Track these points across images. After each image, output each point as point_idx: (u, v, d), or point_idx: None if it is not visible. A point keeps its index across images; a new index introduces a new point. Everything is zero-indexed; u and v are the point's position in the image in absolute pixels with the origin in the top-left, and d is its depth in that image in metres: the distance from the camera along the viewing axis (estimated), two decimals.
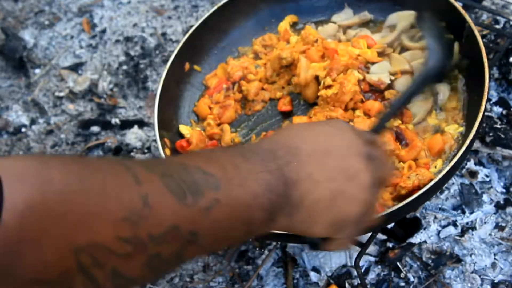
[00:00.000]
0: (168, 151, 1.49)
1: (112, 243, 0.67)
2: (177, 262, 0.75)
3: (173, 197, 0.71)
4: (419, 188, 1.27)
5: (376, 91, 1.48)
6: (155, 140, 1.56)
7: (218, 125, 1.57)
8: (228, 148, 0.91)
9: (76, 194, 0.65)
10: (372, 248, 1.59)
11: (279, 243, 1.64)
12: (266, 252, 1.65)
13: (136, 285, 0.72)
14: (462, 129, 1.43)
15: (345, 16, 1.69)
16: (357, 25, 1.67)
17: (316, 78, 1.52)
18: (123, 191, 0.68)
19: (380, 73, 1.48)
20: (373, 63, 1.52)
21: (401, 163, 1.39)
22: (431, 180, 1.26)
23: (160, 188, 0.71)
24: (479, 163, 1.67)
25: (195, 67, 1.68)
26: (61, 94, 2.15)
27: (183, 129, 1.58)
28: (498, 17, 1.89)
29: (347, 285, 1.56)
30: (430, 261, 1.56)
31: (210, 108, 1.61)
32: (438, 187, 1.36)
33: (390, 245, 1.59)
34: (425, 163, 1.36)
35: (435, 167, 1.37)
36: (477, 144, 1.63)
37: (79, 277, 0.66)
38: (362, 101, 1.46)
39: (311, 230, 0.89)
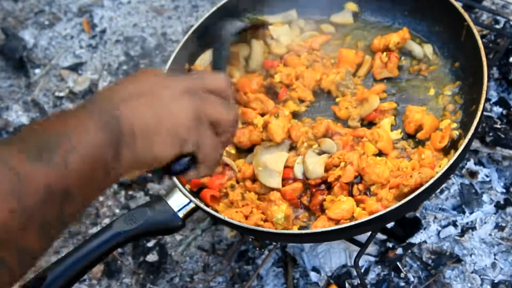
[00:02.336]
0: None
1: (5, 221, 0.77)
2: (62, 221, 0.86)
3: (34, 162, 0.82)
4: (421, 185, 1.27)
5: None
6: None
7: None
8: (64, 111, 1.02)
9: None
10: (372, 248, 1.59)
11: (279, 243, 1.64)
12: (266, 252, 1.65)
13: (38, 258, 0.84)
14: (455, 125, 1.44)
15: (344, 17, 1.69)
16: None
17: None
18: (1, 178, 0.80)
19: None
20: None
21: (405, 162, 1.39)
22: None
23: (23, 161, 0.82)
24: (479, 163, 1.67)
25: (196, 67, 1.68)
26: (61, 94, 2.15)
27: None
28: (498, 17, 1.89)
29: (347, 285, 1.56)
30: (430, 261, 1.56)
31: None
32: (437, 186, 1.36)
33: (390, 245, 1.59)
34: (429, 163, 1.37)
35: (440, 166, 1.37)
36: (477, 144, 1.63)
37: None
38: None
39: (156, 153, 0.97)
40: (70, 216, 0.87)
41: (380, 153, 1.44)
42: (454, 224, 1.60)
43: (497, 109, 1.71)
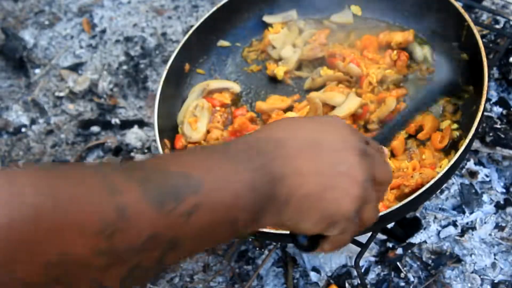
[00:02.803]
0: (167, 152, 1.49)
1: (86, 256, 0.64)
2: (159, 268, 0.73)
3: (151, 205, 0.68)
4: (422, 186, 1.27)
5: None
6: (155, 140, 1.56)
7: None
8: (211, 147, 0.84)
9: (46, 208, 0.62)
10: (372, 248, 1.59)
11: (279, 243, 1.64)
12: (266, 252, 1.65)
13: None
14: (456, 125, 1.44)
15: (345, 17, 1.69)
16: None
17: None
18: (97, 203, 0.66)
19: None
20: None
21: (405, 163, 1.39)
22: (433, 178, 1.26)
23: (137, 197, 0.68)
24: (479, 163, 1.67)
25: (198, 70, 1.68)
26: (61, 94, 2.15)
27: (180, 129, 1.58)
28: (498, 17, 1.89)
29: (347, 285, 1.56)
30: (430, 261, 1.56)
31: None
32: (438, 187, 1.36)
33: (390, 245, 1.59)
34: (430, 164, 1.37)
35: (440, 167, 1.37)
36: (477, 144, 1.63)
37: None
38: None
39: (300, 226, 0.85)
40: (170, 264, 0.73)
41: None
42: (454, 224, 1.60)
43: (497, 109, 1.71)
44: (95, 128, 2.04)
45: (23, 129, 2.09)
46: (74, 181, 0.67)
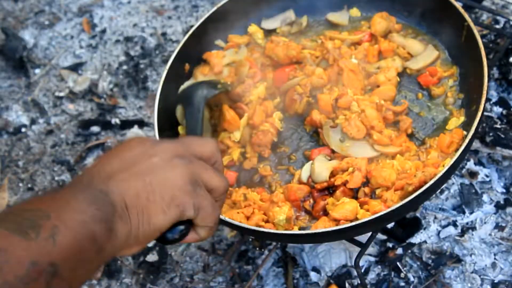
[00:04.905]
0: None
1: None
2: None
3: (17, 236, 0.77)
4: (425, 183, 1.27)
5: None
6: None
7: None
8: (47, 191, 0.96)
9: None
10: (372, 248, 1.59)
11: (279, 243, 1.64)
12: (266, 252, 1.65)
13: None
14: (463, 118, 1.44)
15: (342, 17, 1.69)
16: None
17: None
18: None
19: None
20: None
21: (409, 163, 1.39)
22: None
23: (2, 235, 0.77)
24: (479, 163, 1.67)
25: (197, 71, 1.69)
26: (61, 94, 2.15)
27: (182, 129, 1.58)
28: (498, 17, 1.89)
29: (347, 285, 1.56)
30: (430, 261, 1.56)
31: None
32: (437, 187, 1.36)
33: (390, 245, 1.59)
34: (433, 163, 1.37)
35: (443, 166, 1.37)
36: (477, 144, 1.63)
37: None
38: None
39: (154, 223, 0.91)
40: None
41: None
42: (454, 224, 1.60)
43: (497, 109, 1.71)
44: (95, 128, 2.05)
45: (23, 129, 2.09)
46: None
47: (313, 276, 1.59)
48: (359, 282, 1.55)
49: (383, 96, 1.49)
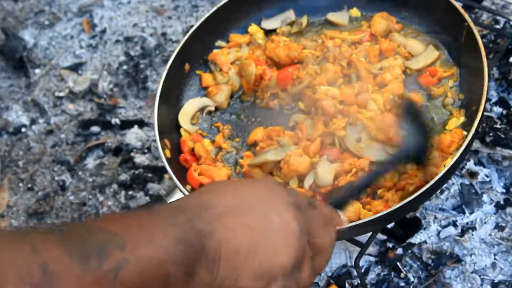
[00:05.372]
0: (168, 152, 1.49)
1: None
2: None
3: (74, 262, 0.67)
4: (426, 183, 1.27)
5: None
6: (155, 140, 1.56)
7: None
8: (134, 210, 0.82)
9: None
10: (372, 248, 1.59)
11: None
12: None
13: None
14: (462, 119, 1.44)
15: (342, 17, 1.69)
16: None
17: None
18: (20, 262, 0.65)
19: None
20: None
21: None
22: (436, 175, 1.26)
23: (59, 254, 0.67)
24: (479, 163, 1.67)
25: (197, 72, 1.68)
26: (61, 94, 2.15)
27: (182, 130, 1.58)
28: (498, 17, 1.89)
29: (347, 285, 1.56)
30: (430, 261, 1.56)
31: None
32: (438, 187, 1.36)
33: (390, 245, 1.59)
34: (434, 163, 1.37)
35: (444, 166, 1.37)
36: (477, 144, 1.63)
37: None
38: None
39: (239, 285, 0.81)
40: None
41: None
42: (454, 224, 1.60)
43: (497, 109, 1.71)
44: (95, 128, 2.04)
45: (23, 129, 2.09)
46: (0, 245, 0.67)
47: None
48: (359, 282, 1.55)
49: (392, 94, 1.49)
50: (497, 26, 1.88)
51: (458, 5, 1.50)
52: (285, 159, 1.40)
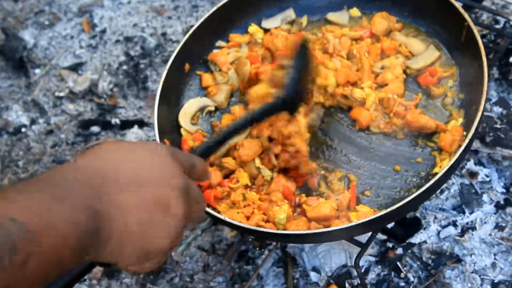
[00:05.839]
0: None
1: None
2: None
3: None
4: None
5: None
6: (155, 140, 1.56)
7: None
8: (37, 182, 0.82)
9: None
10: (372, 249, 1.59)
11: (279, 243, 1.64)
12: (266, 252, 1.65)
13: None
14: (461, 119, 1.44)
15: (342, 17, 1.69)
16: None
17: None
18: None
19: None
20: None
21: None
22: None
23: None
24: (479, 163, 1.67)
25: (197, 72, 1.69)
26: (61, 94, 2.15)
27: (183, 130, 1.58)
28: (498, 17, 1.89)
29: (347, 285, 1.56)
30: (430, 261, 1.56)
31: None
32: (438, 187, 1.36)
33: (390, 245, 1.59)
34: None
35: (440, 167, 1.37)
36: (477, 144, 1.63)
37: None
38: None
39: (119, 260, 0.89)
40: None
41: None
42: (454, 224, 1.60)
43: (497, 109, 1.71)
44: (95, 128, 2.04)
45: (23, 129, 2.09)
46: None
47: (313, 276, 1.59)
48: (359, 282, 1.55)
49: (393, 94, 1.50)
50: (497, 26, 1.88)
51: (458, 5, 1.50)
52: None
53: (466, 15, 1.47)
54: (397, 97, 1.48)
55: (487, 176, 1.66)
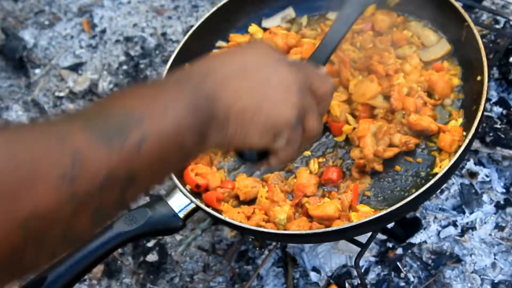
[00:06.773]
0: None
1: (54, 208, 0.66)
2: (121, 206, 0.76)
3: (100, 144, 0.70)
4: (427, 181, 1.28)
5: None
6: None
7: None
8: (148, 83, 0.89)
9: (8, 170, 0.64)
10: (372, 248, 1.59)
11: (279, 243, 1.64)
12: (266, 252, 1.65)
13: (89, 237, 0.76)
14: (461, 119, 1.43)
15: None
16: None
17: None
18: (51, 151, 0.68)
19: None
20: None
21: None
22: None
23: (85, 140, 0.70)
24: (479, 163, 1.67)
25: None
26: (61, 94, 2.15)
27: None
28: (498, 17, 1.89)
29: (347, 285, 1.56)
30: (430, 261, 1.56)
31: None
32: (438, 187, 1.36)
33: (390, 245, 1.59)
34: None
35: (440, 167, 1.37)
36: (477, 144, 1.63)
37: (30, 248, 0.65)
38: None
39: (247, 141, 0.90)
40: (131, 199, 0.77)
41: None
42: (454, 224, 1.60)
43: (497, 109, 1.71)
44: None
45: None
46: (29, 141, 0.68)
47: (313, 276, 1.59)
48: (359, 282, 1.55)
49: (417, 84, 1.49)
50: (497, 26, 1.88)
51: (458, 5, 1.50)
52: None
53: (466, 15, 1.47)
54: (420, 88, 1.46)
55: (487, 176, 1.66)
